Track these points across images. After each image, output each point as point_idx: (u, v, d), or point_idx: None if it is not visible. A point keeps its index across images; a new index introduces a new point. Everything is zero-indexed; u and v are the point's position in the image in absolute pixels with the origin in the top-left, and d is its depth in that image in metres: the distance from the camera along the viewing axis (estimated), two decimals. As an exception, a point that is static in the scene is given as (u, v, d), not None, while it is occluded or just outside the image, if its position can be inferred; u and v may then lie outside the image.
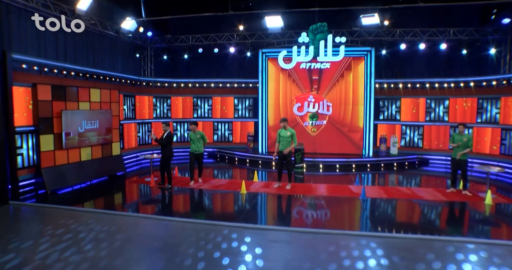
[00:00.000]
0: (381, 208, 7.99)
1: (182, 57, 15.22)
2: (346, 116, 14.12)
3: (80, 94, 9.87)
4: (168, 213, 7.62)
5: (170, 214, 7.45)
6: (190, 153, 9.54)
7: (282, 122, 9.20)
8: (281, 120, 9.24)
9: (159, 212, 7.72)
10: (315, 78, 14.13)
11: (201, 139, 9.46)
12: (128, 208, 8.08)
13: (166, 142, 9.01)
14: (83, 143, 9.89)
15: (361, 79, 13.91)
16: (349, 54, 13.74)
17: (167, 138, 8.95)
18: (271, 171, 12.55)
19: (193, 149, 9.48)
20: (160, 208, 8.09)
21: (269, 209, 8.13)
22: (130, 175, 11.49)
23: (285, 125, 9.19)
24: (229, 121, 15.68)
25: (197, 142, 9.40)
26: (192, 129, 9.48)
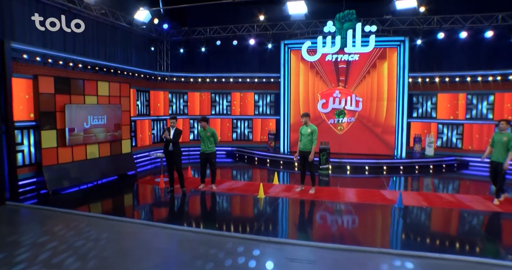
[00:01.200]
0: (422, 219, 6.81)
1: (199, 50, 14.40)
2: (376, 113, 12.87)
3: (86, 88, 9.16)
4: (173, 220, 6.72)
5: (175, 221, 6.56)
6: (200, 153, 8.56)
7: (303, 118, 8.15)
8: (302, 116, 8.19)
9: (163, 218, 6.85)
10: (342, 72, 12.96)
11: (212, 137, 8.44)
12: (130, 213, 7.26)
13: (177, 140, 8.06)
14: (89, 140, 9.18)
15: (393, 73, 12.63)
16: (380, 45, 12.49)
17: (177, 135, 8.03)
18: (293, 172, 11.50)
19: (204, 148, 8.44)
20: (165, 214, 7.21)
21: (290, 218, 7.07)
22: (142, 174, 10.74)
23: (306, 121, 8.14)
24: (249, 118, 14.73)
25: (207, 140, 8.38)
26: (202, 126, 8.43)
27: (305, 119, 8.11)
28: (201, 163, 8.55)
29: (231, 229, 5.96)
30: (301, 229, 6.31)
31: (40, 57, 8.68)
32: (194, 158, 12.80)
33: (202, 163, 8.52)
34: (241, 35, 13.92)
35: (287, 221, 6.82)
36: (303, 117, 8.15)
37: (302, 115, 8.24)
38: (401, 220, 6.48)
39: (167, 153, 8.01)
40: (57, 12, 9.58)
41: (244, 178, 10.80)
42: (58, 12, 9.64)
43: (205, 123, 8.39)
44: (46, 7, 9.27)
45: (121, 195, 8.64)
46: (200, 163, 8.59)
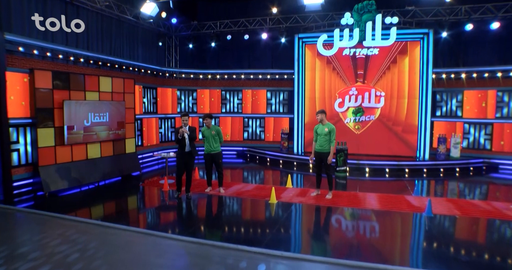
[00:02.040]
0: (457, 231, 6.00)
1: (209, 45, 13.79)
2: (397, 111, 12.00)
3: (87, 83, 8.61)
4: (174, 228, 6.08)
5: (175, 229, 5.91)
6: (204, 154, 7.83)
7: (318, 115, 7.40)
8: (318, 113, 7.44)
9: (163, 226, 6.20)
10: (360, 67, 12.13)
11: (217, 135, 7.71)
12: (127, 219, 6.63)
13: (195, 137, 7.37)
14: (90, 138, 8.62)
15: (415, 68, 11.74)
16: (402, 38, 11.63)
17: (194, 132, 7.32)
18: (308, 174, 10.76)
19: (208, 148, 7.69)
20: (166, 221, 6.57)
21: (305, 228, 6.32)
22: (147, 175, 10.16)
23: (322, 118, 7.40)
24: (261, 117, 14.02)
25: (211, 139, 7.64)
26: (207, 124, 7.66)
27: (321, 116, 7.37)
28: (206, 165, 7.86)
29: (238, 240, 5.27)
30: (318, 241, 5.58)
31: (38, 50, 8.16)
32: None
33: (208, 164, 7.82)
34: (252, 29, 13.25)
35: (302, 231, 6.08)
36: (318, 115, 7.41)
37: (317, 112, 7.49)
38: (433, 232, 5.68)
39: (183, 154, 7.24)
40: (58, 4, 9.08)
41: (255, 180, 10.10)
42: (60, 4, 9.14)
43: (209, 121, 7.66)
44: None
45: (120, 198, 8.02)
46: (205, 165, 7.90)
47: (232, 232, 5.79)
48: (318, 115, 7.38)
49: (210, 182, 8.05)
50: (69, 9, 9.52)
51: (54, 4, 8.98)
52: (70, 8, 9.51)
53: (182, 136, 7.08)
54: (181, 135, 7.05)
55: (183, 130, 7.06)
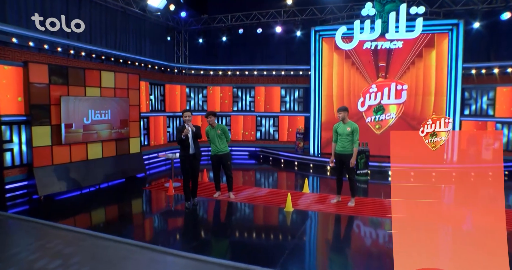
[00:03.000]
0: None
1: (220, 40, 13.06)
2: (422, 109, 11.07)
3: (87, 78, 7.97)
4: (174, 242, 5.36)
5: (175, 244, 5.20)
6: (211, 156, 7.09)
7: (340, 113, 6.58)
8: (339, 110, 6.62)
9: (163, 239, 5.48)
10: (381, 62, 11.23)
11: (223, 135, 6.99)
12: (122, 229, 5.94)
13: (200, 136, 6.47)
14: (90, 138, 7.99)
15: (443, 63, 10.80)
16: (428, 30, 10.69)
17: (198, 129, 6.43)
18: (325, 177, 9.95)
19: (215, 149, 6.96)
20: (167, 232, 5.86)
21: (326, 242, 5.51)
22: (153, 177, 9.51)
23: (344, 117, 6.58)
24: (274, 115, 13.24)
25: (217, 139, 6.92)
26: (211, 122, 6.91)
27: (343, 114, 6.55)
28: (214, 168, 7.12)
29: (250, 258, 4.51)
30: (342, 259, 4.77)
31: (34, 42, 7.55)
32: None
33: (215, 167, 7.09)
34: (266, 23, 12.48)
35: (324, 247, 5.29)
36: (340, 112, 6.58)
37: (338, 109, 6.67)
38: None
39: (187, 157, 6.31)
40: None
41: (269, 184, 9.33)
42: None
43: (213, 119, 6.89)
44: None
45: (119, 204, 7.32)
46: (212, 168, 7.17)
47: (242, 247, 5.03)
48: (340, 113, 6.56)
49: (219, 185, 7.31)
50: (71, 0, 8.94)
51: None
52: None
53: (186, 135, 6.22)
54: (185, 134, 6.16)
55: (186, 132, 6.12)
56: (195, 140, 6.37)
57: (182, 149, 6.38)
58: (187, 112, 6.34)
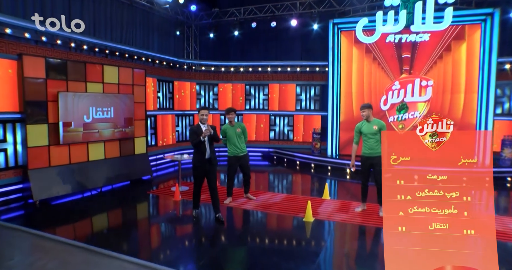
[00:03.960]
0: None
1: (232, 35, 12.40)
2: (451, 108, 10.19)
3: (89, 72, 7.37)
4: (175, 260, 4.67)
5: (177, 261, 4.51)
6: (229, 157, 6.45)
7: (365, 110, 5.79)
8: (363, 107, 5.83)
9: (164, 255, 4.79)
10: (406, 56, 10.39)
11: (242, 134, 6.39)
12: (120, 240, 5.28)
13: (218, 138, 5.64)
14: (91, 137, 7.39)
15: (474, 57, 9.89)
16: (458, 22, 9.80)
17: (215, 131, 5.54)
18: (344, 181, 9.19)
19: (234, 150, 6.35)
20: (169, 246, 5.18)
21: (356, 261, 4.76)
22: (160, 179, 8.89)
23: (368, 115, 5.80)
24: (289, 114, 12.49)
25: (237, 139, 6.30)
26: (230, 120, 6.31)
27: (367, 112, 5.78)
28: (231, 171, 6.47)
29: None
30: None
31: (30, 34, 6.97)
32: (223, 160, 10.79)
33: (233, 170, 6.46)
34: (280, 16, 11.75)
35: (352, 267, 4.53)
36: (364, 110, 5.80)
37: (362, 107, 5.87)
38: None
39: (203, 163, 5.46)
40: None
41: (284, 189, 8.59)
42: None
43: (233, 117, 6.29)
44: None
45: (119, 210, 6.66)
46: (229, 171, 6.51)
47: (256, 266, 4.31)
48: (364, 111, 5.78)
49: (232, 191, 6.63)
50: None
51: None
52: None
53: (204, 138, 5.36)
54: (204, 136, 5.27)
55: (207, 130, 5.22)
56: (211, 142, 5.54)
57: (196, 152, 5.50)
58: (204, 110, 5.47)
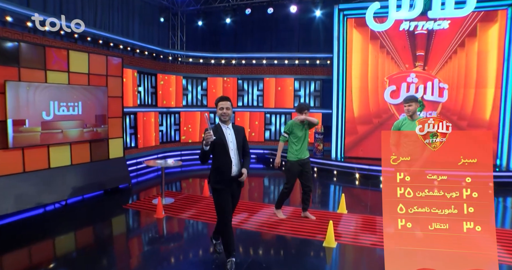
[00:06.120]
0: None
1: (223, 22, 11.09)
2: (475, 106, 9.08)
3: (50, 59, 5.93)
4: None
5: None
6: (291, 162, 5.16)
7: (411, 104, 4.48)
8: (408, 100, 4.54)
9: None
10: (420, 46, 9.26)
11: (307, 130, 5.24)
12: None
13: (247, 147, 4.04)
14: (53, 139, 5.97)
15: (499, 47, 8.81)
16: (481, 8, 8.71)
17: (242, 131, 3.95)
18: (353, 187, 8.00)
19: (298, 153, 5.11)
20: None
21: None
22: (141, 187, 7.55)
23: (415, 110, 4.56)
24: (286, 112, 11.24)
25: (303, 140, 5.12)
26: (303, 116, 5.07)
27: (414, 107, 4.52)
28: (292, 178, 5.22)
29: None
30: None
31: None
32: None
33: (294, 177, 5.21)
34: (278, 1, 10.48)
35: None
36: (410, 104, 4.48)
37: (407, 99, 4.57)
38: None
39: (227, 183, 3.58)
40: None
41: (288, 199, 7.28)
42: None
43: (307, 112, 5.09)
44: None
45: (82, 232, 5.26)
46: (288, 178, 5.25)
47: None
48: (411, 105, 4.51)
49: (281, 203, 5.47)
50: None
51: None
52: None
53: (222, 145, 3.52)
54: (207, 144, 3.34)
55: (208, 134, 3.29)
56: (240, 151, 3.71)
57: (214, 168, 3.63)
58: (224, 102, 3.58)
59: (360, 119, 9.76)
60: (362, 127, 9.77)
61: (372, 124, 9.68)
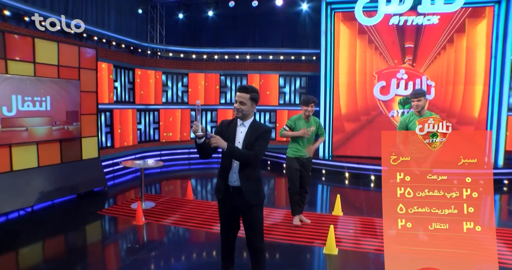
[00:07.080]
0: None
1: (205, 15, 10.57)
2: (464, 103, 8.94)
3: (11, 47, 5.28)
4: None
5: None
6: (290, 159, 4.78)
7: (420, 99, 4.12)
8: (416, 94, 4.18)
9: None
10: (409, 42, 9.04)
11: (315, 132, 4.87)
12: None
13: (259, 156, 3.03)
14: (16, 137, 5.32)
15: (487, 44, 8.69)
16: (470, 3, 8.57)
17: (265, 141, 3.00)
18: (343, 186, 7.68)
19: (298, 151, 4.75)
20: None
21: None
22: (117, 190, 6.95)
23: (424, 105, 4.22)
24: (271, 109, 10.83)
25: (306, 139, 4.74)
26: (310, 113, 4.70)
27: (424, 101, 4.18)
28: (292, 176, 4.76)
29: None
30: None
31: None
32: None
33: (296, 178, 4.76)
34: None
35: None
36: (419, 98, 4.09)
37: (415, 93, 4.19)
38: None
39: (225, 193, 2.87)
40: None
41: (275, 201, 6.86)
42: None
43: (312, 109, 4.68)
44: None
45: (52, 244, 4.69)
46: (289, 178, 4.79)
47: None
48: (420, 100, 4.14)
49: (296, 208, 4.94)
50: None
51: None
52: None
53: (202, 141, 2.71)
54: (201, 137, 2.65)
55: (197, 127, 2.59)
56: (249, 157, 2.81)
57: (220, 172, 2.93)
58: (239, 93, 2.83)
59: (348, 117, 9.46)
60: (349, 125, 9.48)
61: (360, 122, 9.41)
